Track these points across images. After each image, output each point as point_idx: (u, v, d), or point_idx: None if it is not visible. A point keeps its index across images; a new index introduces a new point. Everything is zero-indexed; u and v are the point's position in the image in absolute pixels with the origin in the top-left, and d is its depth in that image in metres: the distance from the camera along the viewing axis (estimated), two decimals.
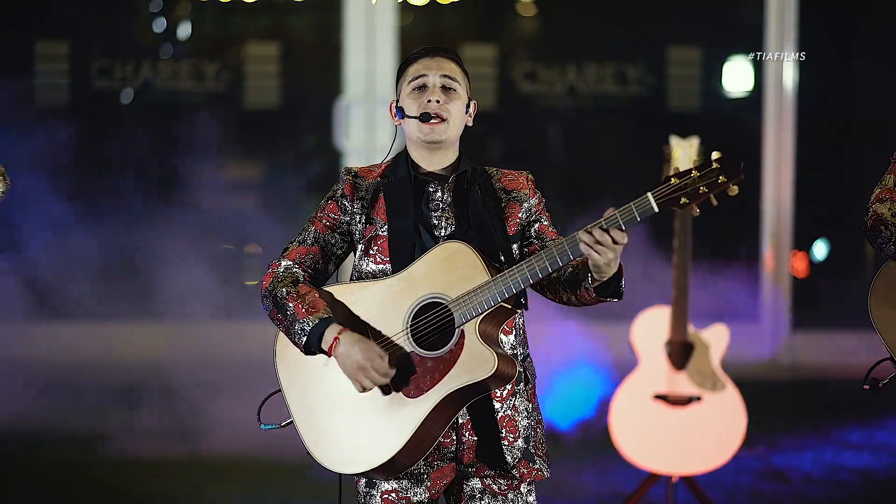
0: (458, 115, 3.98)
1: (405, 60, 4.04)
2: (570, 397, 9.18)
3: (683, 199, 3.59)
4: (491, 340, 3.78)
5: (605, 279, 3.76)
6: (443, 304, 3.78)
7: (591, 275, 3.75)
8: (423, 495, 3.93)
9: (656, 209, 3.60)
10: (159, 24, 11.23)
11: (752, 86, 11.25)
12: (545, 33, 11.77)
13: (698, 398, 6.56)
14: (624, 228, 3.64)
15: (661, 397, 6.59)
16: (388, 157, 4.10)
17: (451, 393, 3.75)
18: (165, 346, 9.95)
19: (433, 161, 3.98)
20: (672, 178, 3.61)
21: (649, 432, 6.61)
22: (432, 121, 3.92)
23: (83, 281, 10.30)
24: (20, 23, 10.88)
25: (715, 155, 3.60)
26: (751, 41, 11.12)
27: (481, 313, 3.74)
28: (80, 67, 10.96)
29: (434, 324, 3.80)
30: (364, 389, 3.80)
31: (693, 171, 3.59)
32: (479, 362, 3.73)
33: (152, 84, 10.99)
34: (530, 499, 3.98)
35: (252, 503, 7.26)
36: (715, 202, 3.66)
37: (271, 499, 7.29)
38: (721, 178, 3.58)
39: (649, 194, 3.61)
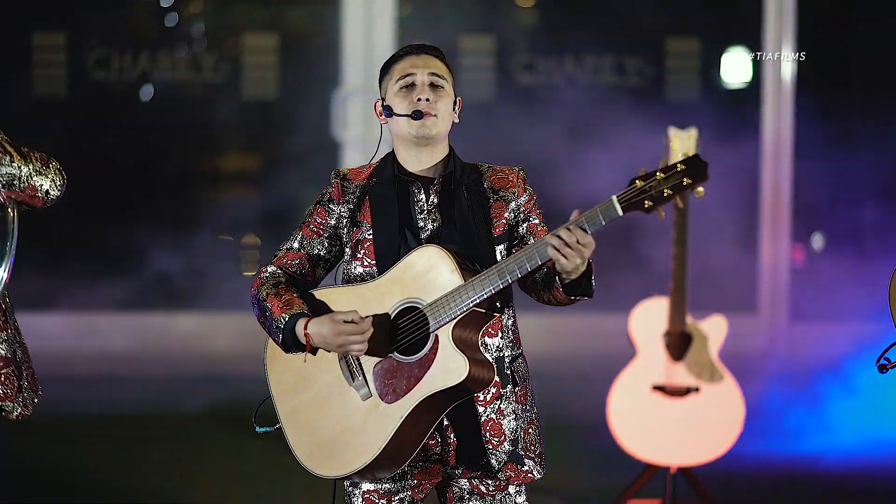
0: (447, 112, 3.97)
1: (390, 59, 4.03)
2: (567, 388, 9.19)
3: (648, 203, 3.59)
4: (467, 344, 3.78)
5: (574, 278, 3.76)
6: (419, 308, 3.79)
7: (560, 275, 3.76)
8: (406, 494, 3.94)
9: (621, 213, 3.61)
10: (160, 16, 11.21)
11: (751, 77, 11.24)
12: (543, 24, 11.75)
13: (696, 389, 6.56)
14: (589, 231, 3.64)
15: (659, 388, 6.59)
16: (376, 157, 4.09)
17: (425, 398, 3.75)
18: (164, 337, 9.95)
19: (421, 160, 3.97)
20: (636, 181, 3.61)
21: (647, 423, 6.61)
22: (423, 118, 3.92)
23: (79, 271, 10.30)
24: (17, 14, 10.87)
25: (681, 156, 3.61)
26: (749, 32, 11.12)
27: (453, 318, 3.74)
28: (78, 58, 10.95)
29: (410, 329, 3.80)
30: (357, 355, 3.83)
31: (658, 174, 3.60)
32: (452, 368, 3.73)
33: (150, 75, 10.98)
34: (519, 499, 3.97)
35: (249, 500, 7.27)
36: (681, 204, 3.67)
37: (267, 495, 7.30)
38: (686, 179, 3.58)
39: (614, 197, 3.62)
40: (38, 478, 7.51)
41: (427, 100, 3.92)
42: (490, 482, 3.94)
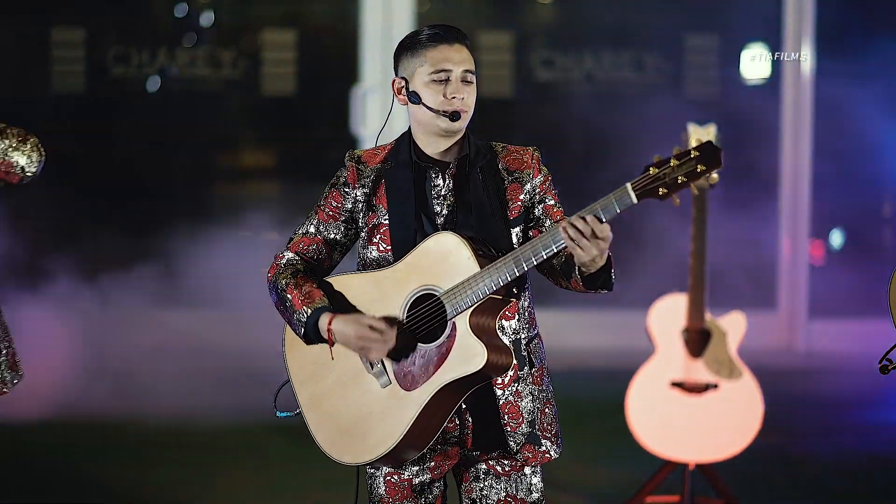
0: (473, 104, 3.94)
1: (419, 39, 3.94)
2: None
3: (662, 190, 3.58)
4: (485, 331, 3.78)
5: (593, 271, 3.76)
6: (436, 295, 3.79)
7: (579, 267, 3.76)
8: (425, 475, 3.96)
9: (635, 200, 3.60)
10: (180, 11, 11.22)
11: (770, 73, 11.22)
12: (562, 20, 11.75)
13: (715, 386, 6.55)
14: (604, 219, 3.63)
15: (677, 385, 6.58)
16: (382, 135, 4.09)
17: (445, 385, 3.77)
18: (179, 332, 9.97)
19: (439, 145, 3.96)
20: (651, 168, 3.60)
21: (666, 420, 6.60)
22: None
23: (98, 267, 10.32)
24: (36, 9, 10.90)
25: (694, 143, 3.61)
26: (768, 27, 11.10)
27: (470, 306, 3.75)
28: (97, 54, 10.97)
29: (428, 316, 3.81)
30: (373, 363, 3.83)
31: (672, 160, 3.59)
32: (470, 355, 3.74)
33: (169, 71, 11.00)
34: (534, 480, 3.98)
35: (271, 482, 7.28)
36: (695, 192, 3.68)
37: (291, 480, 7.32)
38: (700, 166, 3.57)
39: (628, 185, 3.61)
40: (38, 480, 7.55)
41: (462, 98, 3.89)
42: (506, 462, 3.95)
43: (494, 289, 3.74)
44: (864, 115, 10.97)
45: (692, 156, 3.57)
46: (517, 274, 3.73)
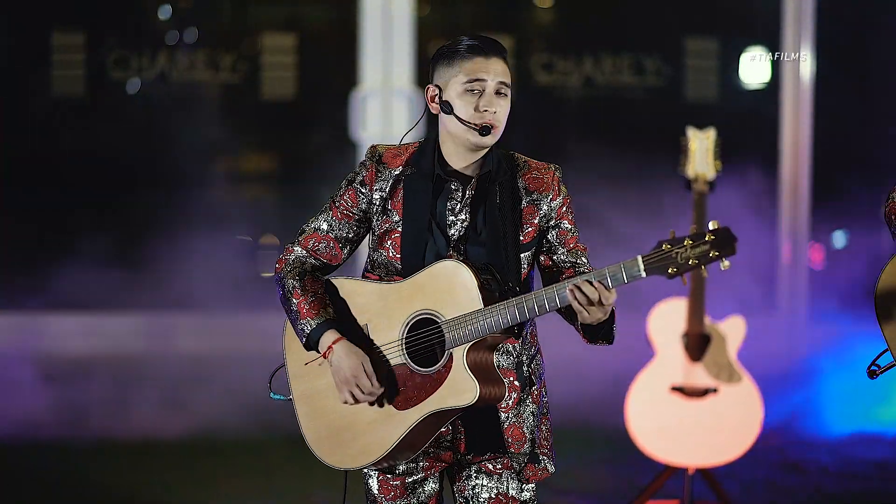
0: (505, 117, 3.92)
1: (456, 49, 3.90)
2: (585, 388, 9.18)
3: (672, 269, 3.60)
4: (481, 366, 3.80)
5: (595, 324, 3.78)
6: (437, 322, 3.79)
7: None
8: (418, 474, 3.99)
9: (644, 275, 3.63)
10: (164, 12, 11.22)
11: (770, 77, 11.22)
12: (562, 24, 11.75)
13: (715, 390, 6.55)
14: (610, 287, 3.65)
15: (677, 389, 6.58)
16: (408, 135, 4.09)
17: (434, 413, 3.79)
18: (180, 338, 9.96)
19: (466, 157, 3.92)
20: (664, 245, 3.61)
21: (666, 424, 6.60)
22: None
23: (97, 272, 10.32)
24: (36, 13, 10.89)
25: (712, 226, 3.60)
26: (768, 31, 11.10)
27: (468, 342, 3.76)
28: (96, 58, 10.97)
29: (427, 341, 3.82)
30: (346, 401, 3.86)
31: (686, 240, 3.59)
32: (462, 390, 3.76)
33: (168, 75, 10.99)
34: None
35: (267, 477, 7.28)
36: (705, 274, 3.68)
37: (290, 476, 7.32)
38: (713, 252, 3.59)
39: (639, 258, 3.63)
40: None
41: (494, 112, 3.86)
42: (499, 461, 3.96)
43: (494, 330, 3.75)
44: (864, 117, 10.96)
45: (707, 239, 3.58)
46: (518, 321, 3.74)
